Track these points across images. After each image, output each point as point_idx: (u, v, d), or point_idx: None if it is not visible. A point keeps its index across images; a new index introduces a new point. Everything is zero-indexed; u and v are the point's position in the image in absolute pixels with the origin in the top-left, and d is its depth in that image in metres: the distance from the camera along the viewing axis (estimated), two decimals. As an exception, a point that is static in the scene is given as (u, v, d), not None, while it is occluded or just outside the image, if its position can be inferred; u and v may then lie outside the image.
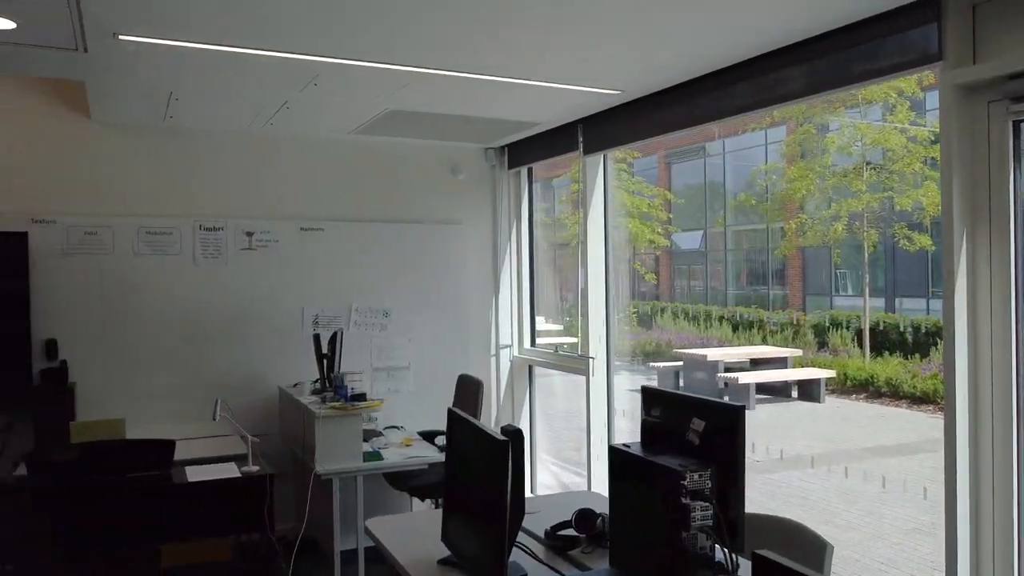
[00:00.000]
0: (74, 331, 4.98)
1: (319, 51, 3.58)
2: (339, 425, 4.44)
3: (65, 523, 3.65)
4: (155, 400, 5.11)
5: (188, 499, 3.83)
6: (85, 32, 3.26)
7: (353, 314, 5.74)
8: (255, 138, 5.46)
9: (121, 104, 4.66)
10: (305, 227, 5.61)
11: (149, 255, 5.19)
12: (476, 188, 6.23)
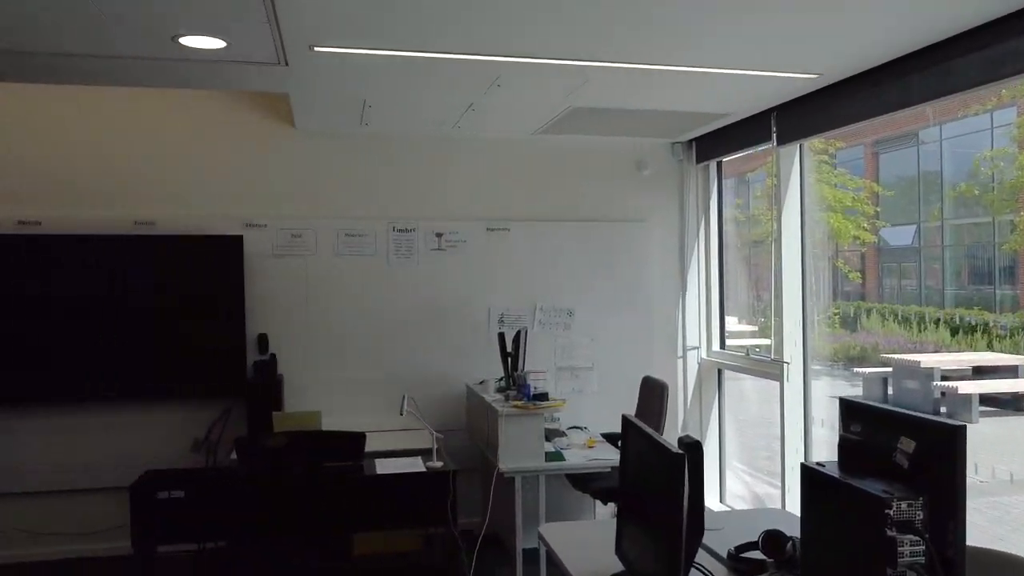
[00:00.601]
0: (282, 326, 5.36)
1: (502, 51, 3.58)
2: (521, 424, 4.45)
3: (268, 507, 3.91)
4: (350, 393, 5.39)
5: (377, 491, 3.98)
6: (285, 46, 3.46)
7: (537, 313, 5.75)
8: (443, 141, 5.62)
9: (321, 113, 4.94)
10: (492, 227, 5.69)
11: (348, 255, 5.48)
12: (662, 184, 6.04)
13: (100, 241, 5.03)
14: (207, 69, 3.82)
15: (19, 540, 5.08)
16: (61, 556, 5.12)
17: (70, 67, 3.82)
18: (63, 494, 5.13)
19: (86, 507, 5.15)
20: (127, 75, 4.01)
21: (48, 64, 3.76)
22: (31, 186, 5.08)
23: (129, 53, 3.56)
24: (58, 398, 5.05)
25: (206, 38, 3.34)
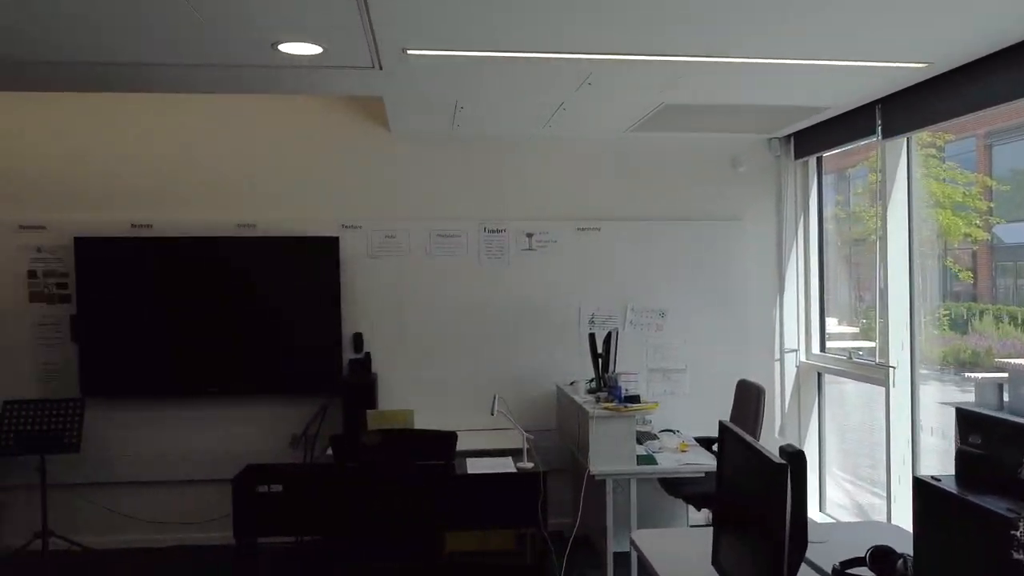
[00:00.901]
0: (376, 326, 5.47)
1: (593, 49, 3.54)
2: (612, 426, 4.39)
3: (362, 502, 3.98)
4: (441, 392, 5.45)
5: (467, 490, 4.00)
6: (379, 51, 3.51)
7: (629, 314, 5.67)
8: (534, 141, 5.61)
9: (414, 116, 5.00)
10: (582, 227, 5.65)
11: (439, 256, 5.54)
12: (758, 181, 5.86)
13: (205, 243, 5.24)
14: (305, 75, 3.92)
15: (136, 526, 5.36)
16: (173, 543, 5.37)
17: (177, 77, 3.99)
18: (174, 484, 5.38)
19: (194, 497, 5.39)
20: (230, 83, 4.16)
21: (158, 75, 3.94)
22: (144, 191, 5.34)
23: (231, 61, 3.69)
24: (166, 393, 5.29)
25: (304, 44, 3.43)
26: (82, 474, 5.27)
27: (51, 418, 5.01)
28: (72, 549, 5.20)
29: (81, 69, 3.84)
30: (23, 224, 5.24)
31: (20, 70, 3.85)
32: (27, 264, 5.24)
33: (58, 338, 5.26)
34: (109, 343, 5.21)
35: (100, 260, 5.18)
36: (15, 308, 5.24)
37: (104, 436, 5.29)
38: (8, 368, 5.23)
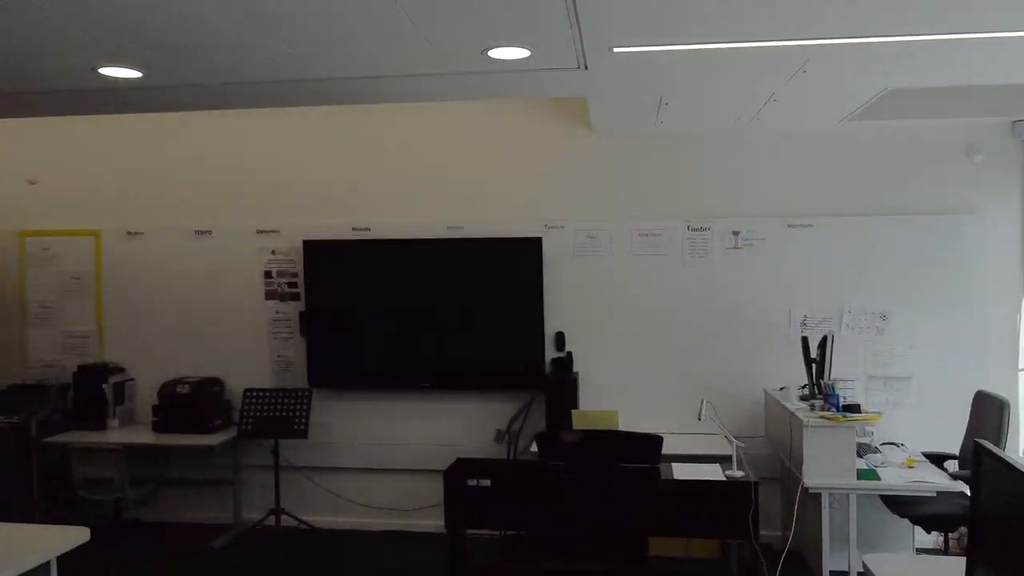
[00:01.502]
0: (578, 325, 5.49)
1: (810, 34, 3.32)
2: (829, 436, 4.12)
3: (566, 501, 4.00)
4: (642, 393, 5.37)
5: (674, 495, 3.90)
6: (585, 50, 3.51)
7: (845, 316, 5.30)
8: (741, 135, 5.38)
9: (617, 114, 4.97)
10: (792, 224, 5.35)
11: (642, 255, 5.47)
12: (999, 170, 5.26)
13: (417, 244, 5.52)
14: (512, 78, 4.00)
15: (354, 509, 5.75)
16: (387, 528, 5.71)
17: (405, 87, 4.21)
18: (388, 472, 5.71)
19: (406, 485, 5.69)
20: (447, 90, 4.32)
21: (388, 87, 4.18)
22: (363, 197, 5.71)
23: (447, 70, 3.84)
24: (383, 387, 5.63)
25: (512, 48, 3.50)
26: (309, 458, 5.73)
27: (283, 406, 5.49)
28: (300, 527, 5.67)
29: (320, 86, 4.16)
30: (260, 229, 5.78)
31: (269, 90, 4.24)
32: (263, 265, 5.78)
33: (289, 333, 5.75)
34: (333, 338, 5.62)
35: (325, 261, 5.60)
36: (253, 305, 5.80)
37: (328, 424, 5.71)
38: (248, 359, 5.79)
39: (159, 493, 5.88)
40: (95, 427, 5.63)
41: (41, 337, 6.02)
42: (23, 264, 6.04)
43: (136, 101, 4.46)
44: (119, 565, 5.07)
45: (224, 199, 5.88)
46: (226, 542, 5.47)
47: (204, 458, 5.78)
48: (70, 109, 4.71)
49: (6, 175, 6.12)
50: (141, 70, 3.80)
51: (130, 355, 5.94)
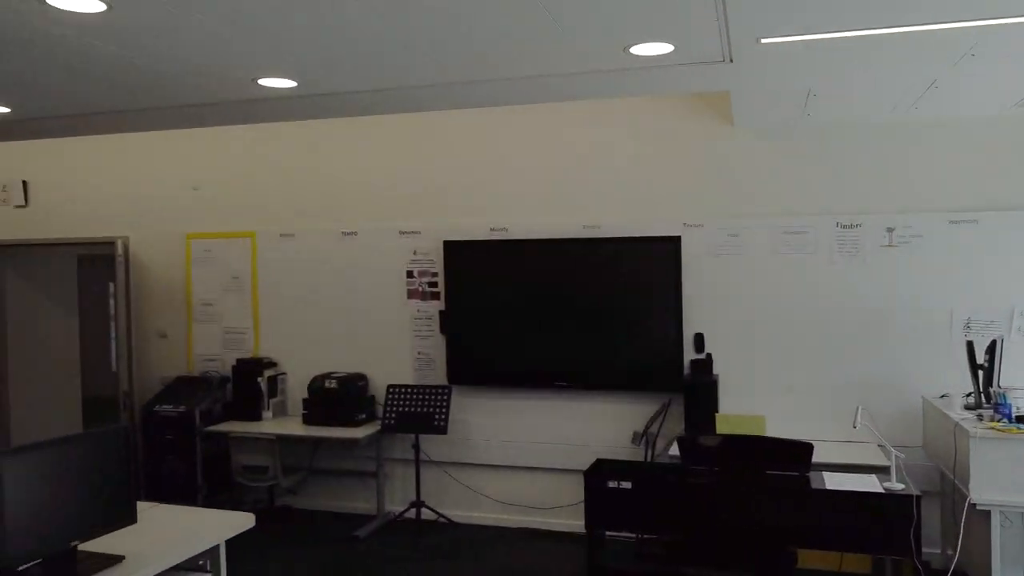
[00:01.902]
0: (718, 326, 5.33)
1: (981, 14, 3.07)
2: (1000, 449, 3.80)
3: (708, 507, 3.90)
4: (789, 399, 5.15)
5: (826, 506, 3.71)
6: (731, 43, 3.40)
7: (1016, 319, 4.88)
8: (896, 126, 5.07)
9: (761, 108, 4.79)
10: (954, 220, 4.98)
11: (786, 254, 5.24)
12: None
13: (553, 244, 5.53)
14: (653, 75, 3.93)
15: (491, 505, 5.83)
16: (522, 525, 5.75)
17: (530, 89, 4.23)
18: (524, 470, 5.75)
19: (542, 484, 5.72)
20: (581, 90, 4.30)
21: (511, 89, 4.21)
22: (501, 198, 5.78)
23: (583, 69, 3.82)
24: (520, 385, 5.67)
25: (655, 44, 3.43)
26: (447, 454, 5.87)
27: (424, 402, 5.64)
28: (439, 520, 5.81)
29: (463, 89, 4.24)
30: (402, 230, 5.96)
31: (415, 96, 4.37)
32: (405, 265, 5.96)
33: (430, 331, 5.90)
34: (471, 336, 5.72)
35: (464, 261, 5.71)
36: (396, 304, 5.99)
37: (466, 421, 5.82)
38: (391, 356, 5.99)
39: (308, 482, 6.19)
40: (251, 418, 5.99)
41: (204, 333, 6.47)
42: (188, 264, 6.50)
43: (291, 110, 4.70)
44: (273, 549, 5.36)
45: (369, 201, 6.10)
46: (370, 532, 5.68)
47: (349, 450, 6.04)
48: (231, 119, 5.02)
49: (174, 183, 6.61)
50: (296, 80, 4.00)
51: (282, 350, 6.28)
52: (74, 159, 6.92)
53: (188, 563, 2.66)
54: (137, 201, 6.74)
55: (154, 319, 6.69)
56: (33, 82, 4.01)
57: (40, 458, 2.26)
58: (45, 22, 3.09)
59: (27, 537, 2.19)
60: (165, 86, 4.11)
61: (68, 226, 6.97)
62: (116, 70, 3.80)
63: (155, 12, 2.98)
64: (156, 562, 2.42)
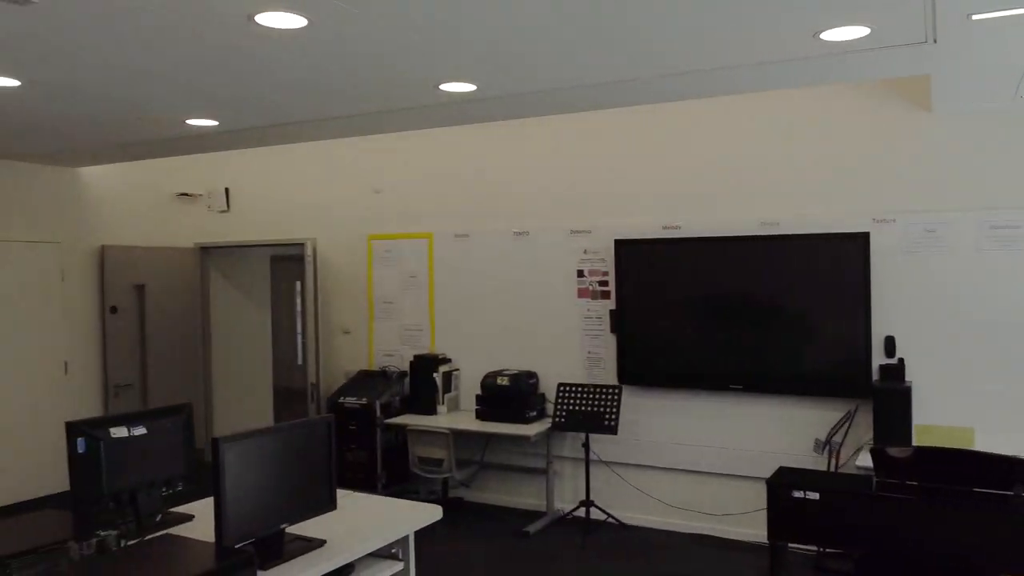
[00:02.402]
0: (912, 330, 4.95)
1: None
2: None
3: (904, 525, 3.62)
4: (996, 411, 4.69)
5: (1046, 530, 3.34)
6: (936, 21, 3.14)
7: None
8: None
9: (965, 91, 4.40)
10: None
11: (993, 251, 4.78)
12: None
13: (728, 242, 5.34)
14: (845, 61, 3.70)
15: (661, 508, 5.73)
16: (691, 530, 5.61)
17: (709, 83, 4.11)
18: (694, 474, 5.60)
19: (714, 489, 5.55)
20: (763, 80, 4.13)
21: (688, 83, 4.10)
22: (674, 194, 5.66)
23: (773, 58, 3.66)
24: (691, 387, 5.52)
25: (850, 28, 3.23)
26: (617, 454, 5.82)
27: (594, 401, 5.62)
28: (608, 520, 5.77)
29: (643, 85, 4.19)
30: (574, 229, 5.97)
31: (592, 95, 4.37)
32: (576, 264, 5.96)
33: (600, 330, 5.88)
34: (642, 336, 5.64)
35: (635, 259, 5.64)
36: (567, 302, 6.01)
37: (636, 421, 5.75)
38: (561, 355, 6.03)
39: (479, 476, 6.34)
40: (427, 412, 6.21)
41: (383, 329, 6.78)
42: (370, 264, 6.84)
43: (469, 113, 4.82)
44: (448, 539, 5.54)
45: (541, 201, 6.16)
46: (539, 528, 5.73)
47: (519, 446, 6.13)
48: (412, 124, 5.23)
49: (357, 187, 6.98)
50: (476, 83, 4.10)
51: (456, 346, 6.47)
52: (268, 167, 7.47)
53: (382, 550, 2.79)
54: (323, 205, 7.18)
55: (338, 316, 7.09)
56: (238, 96, 4.35)
57: (256, 445, 2.43)
58: (252, 39, 3.34)
59: (243, 518, 2.37)
60: (354, 95, 4.34)
61: (263, 229, 7.54)
62: (310, 81, 4.04)
63: (349, 25, 3.14)
64: (356, 548, 2.54)
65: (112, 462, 2.61)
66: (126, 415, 2.72)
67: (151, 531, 2.66)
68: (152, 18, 3.05)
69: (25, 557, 2.21)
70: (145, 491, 2.72)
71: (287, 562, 2.42)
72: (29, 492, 6.66)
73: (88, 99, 4.37)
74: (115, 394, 7.20)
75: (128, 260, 7.32)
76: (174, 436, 2.83)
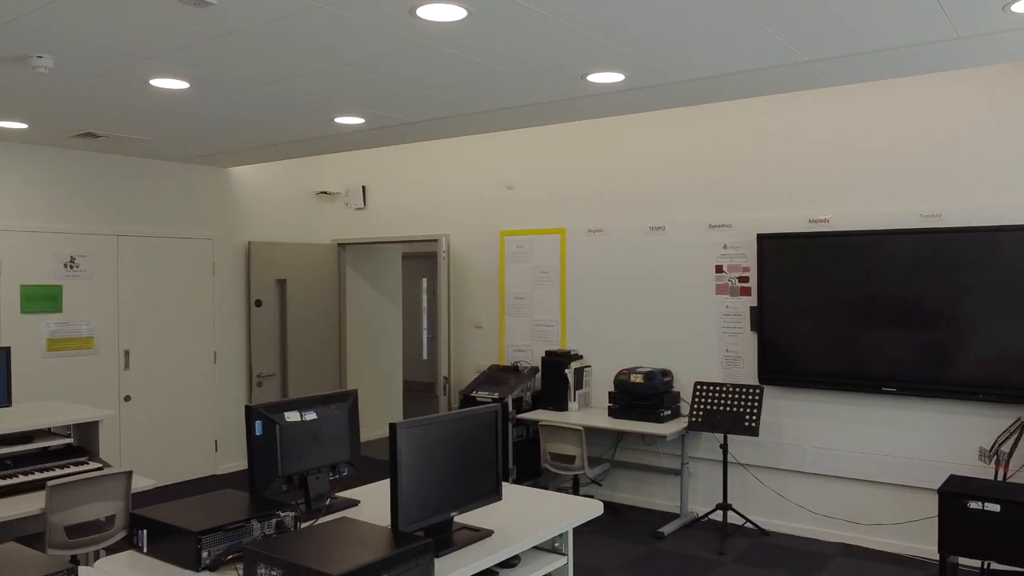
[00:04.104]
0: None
1: None
2: None
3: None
4: None
5: None
6: None
7: None
8: None
9: None
10: None
11: None
12: None
13: (884, 236, 5.05)
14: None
15: (803, 515, 5.48)
16: (836, 539, 5.34)
17: (881, 64, 3.87)
18: (840, 480, 5.33)
19: (862, 497, 5.26)
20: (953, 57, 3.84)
21: (860, 65, 3.89)
22: (821, 186, 5.41)
23: (950, 36, 3.42)
24: (839, 388, 5.25)
25: (1045, 2, 2.97)
26: (755, 457, 5.61)
27: (733, 401, 5.44)
28: (746, 525, 5.58)
29: (808, 68, 4.02)
30: (712, 223, 5.80)
31: (755, 80, 4.22)
32: (714, 260, 5.79)
33: (739, 328, 5.69)
34: (785, 335, 5.42)
35: (779, 255, 5.42)
36: (703, 299, 5.85)
37: (778, 423, 5.53)
38: (697, 353, 5.87)
39: (610, 474, 6.26)
40: (558, 407, 6.18)
41: (514, 324, 6.80)
42: (502, 260, 6.87)
43: (616, 104, 4.75)
44: (580, 535, 5.48)
45: (677, 195, 6.02)
46: (674, 530, 5.60)
47: (652, 445, 6.01)
48: (557, 117, 5.20)
49: (489, 183, 7.03)
50: (624, 73, 4.02)
51: (587, 343, 6.41)
52: (403, 164, 7.64)
53: (543, 543, 2.76)
54: (456, 201, 7.27)
55: (469, 311, 7.17)
56: (390, 93, 4.44)
57: (429, 432, 2.45)
58: (412, 34, 3.38)
59: (417, 503, 2.39)
60: (502, 89, 4.34)
61: (396, 225, 7.72)
62: (462, 76, 4.08)
63: (507, 14, 3.13)
64: (522, 540, 2.53)
65: (286, 445, 2.70)
66: (298, 400, 2.80)
67: (320, 514, 2.73)
68: (317, 17, 3.14)
69: (214, 534, 2.30)
70: (315, 475, 2.79)
71: (458, 550, 2.42)
72: (179, 475, 7.06)
73: (247, 99, 4.56)
74: (258, 383, 7.53)
75: (271, 255, 7.64)
76: (341, 422, 2.90)
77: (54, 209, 6.29)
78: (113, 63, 3.79)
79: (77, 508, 3.65)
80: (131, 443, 6.69)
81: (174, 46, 3.52)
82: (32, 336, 6.11)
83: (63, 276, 6.30)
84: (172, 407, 6.98)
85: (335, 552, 2.07)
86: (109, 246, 6.57)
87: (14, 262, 6.04)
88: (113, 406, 6.54)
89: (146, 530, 2.41)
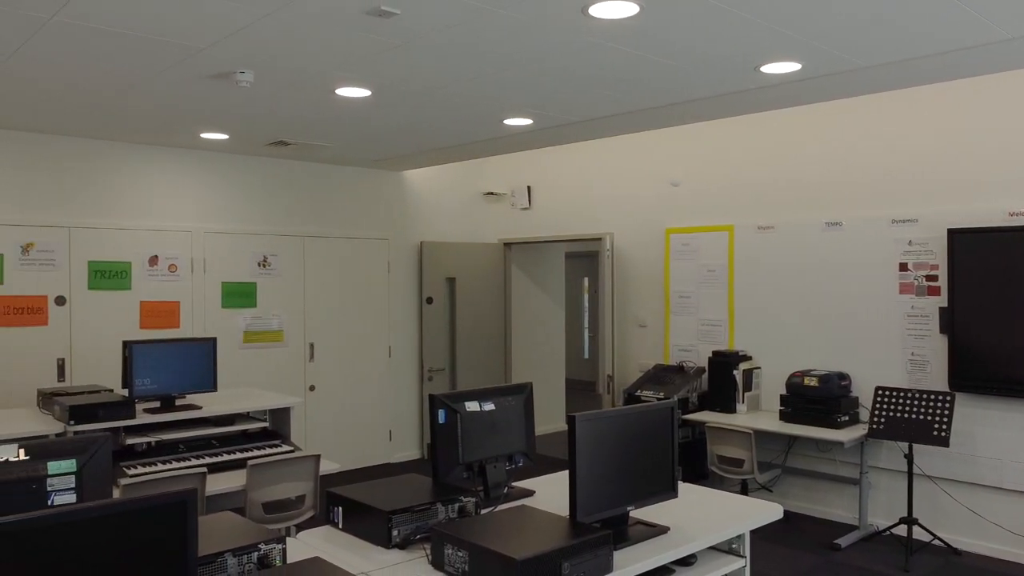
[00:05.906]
0: None
1: None
2: None
3: None
4: None
5: None
6: None
7: None
8: None
9: None
10: None
11: None
12: None
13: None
14: None
15: (999, 535, 5.04)
16: (1045, 563, 4.88)
17: None
18: (1049, 499, 4.87)
19: (1076, 519, 4.77)
20: None
21: None
22: (1019, 176, 4.95)
23: None
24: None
25: None
26: (945, 469, 5.22)
27: (920, 408, 5.09)
28: (933, 542, 5.20)
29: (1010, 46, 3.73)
30: (895, 219, 5.45)
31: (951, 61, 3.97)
32: (898, 257, 5.44)
33: (926, 330, 5.31)
34: (981, 338, 5.00)
35: (973, 251, 5.02)
36: (885, 299, 5.50)
37: (971, 433, 5.12)
38: (878, 356, 5.53)
39: (781, 480, 6.03)
40: (725, 409, 6.02)
41: (680, 324, 6.70)
42: (667, 258, 6.79)
43: (789, 95, 4.59)
44: (753, 544, 5.31)
45: (856, 189, 5.71)
46: (851, 543, 5.31)
47: (827, 452, 5.74)
48: (726, 111, 5.09)
49: (654, 180, 6.97)
50: (801, 62, 3.88)
51: (757, 344, 6.21)
52: (567, 163, 7.72)
53: (720, 544, 2.72)
54: (620, 199, 7.26)
55: (633, 309, 7.13)
56: (559, 93, 4.51)
57: (606, 425, 2.48)
58: (583, 33, 3.42)
59: (595, 495, 2.42)
60: (673, 83, 4.30)
61: (560, 224, 7.80)
62: (631, 72, 4.07)
63: (679, 6, 3.10)
64: (700, 539, 2.50)
65: (467, 434, 2.81)
66: (477, 391, 2.91)
67: (499, 502, 2.83)
68: (491, 20, 3.24)
69: (403, 514, 2.43)
70: (493, 463, 2.89)
71: (634, 545, 2.43)
72: (357, 461, 7.48)
73: (423, 104, 4.78)
74: (429, 378, 7.86)
75: (442, 255, 7.95)
76: (517, 414, 2.98)
77: (250, 213, 6.86)
78: (305, 74, 4.09)
79: (273, 486, 3.97)
80: (315, 429, 7.17)
81: (360, 56, 3.75)
82: (231, 329, 6.69)
83: (257, 274, 6.86)
84: (351, 398, 7.42)
85: (517, 538, 2.14)
86: (296, 247, 7.08)
87: (217, 261, 6.65)
88: (300, 395, 7.04)
89: (342, 507, 2.59)
